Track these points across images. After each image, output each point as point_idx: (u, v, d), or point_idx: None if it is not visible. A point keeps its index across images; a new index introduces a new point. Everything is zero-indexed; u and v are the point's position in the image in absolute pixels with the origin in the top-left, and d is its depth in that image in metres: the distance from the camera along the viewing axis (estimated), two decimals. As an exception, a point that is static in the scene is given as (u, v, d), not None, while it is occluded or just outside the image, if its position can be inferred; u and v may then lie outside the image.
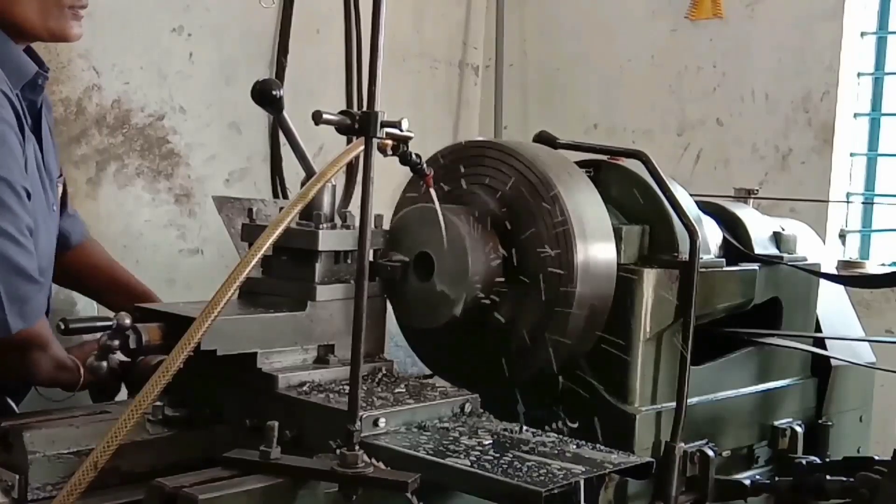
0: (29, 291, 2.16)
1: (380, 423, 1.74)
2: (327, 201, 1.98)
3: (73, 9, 2.36)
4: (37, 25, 2.34)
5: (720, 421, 2.37)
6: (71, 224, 2.70)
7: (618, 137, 4.57)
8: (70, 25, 2.37)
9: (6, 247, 2.11)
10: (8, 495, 1.68)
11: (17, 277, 2.13)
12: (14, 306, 2.12)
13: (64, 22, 2.36)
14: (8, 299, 2.10)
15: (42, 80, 2.41)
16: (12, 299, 2.11)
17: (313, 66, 4.28)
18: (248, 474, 1.57)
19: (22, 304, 2.14)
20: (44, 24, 2.34)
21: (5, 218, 2.13)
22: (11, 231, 2.13)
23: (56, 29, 2.37)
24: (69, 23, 2.37)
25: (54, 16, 2.33)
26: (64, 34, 2.39)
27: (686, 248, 2.19)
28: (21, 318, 2.13)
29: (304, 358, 1.93)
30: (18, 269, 2.13)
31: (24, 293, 2.15)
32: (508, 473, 1.59)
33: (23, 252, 2.15)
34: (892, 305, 3.98)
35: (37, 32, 2.36)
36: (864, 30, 4.29)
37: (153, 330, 1.80)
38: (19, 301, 2.13)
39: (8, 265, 2.11)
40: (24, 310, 2.14)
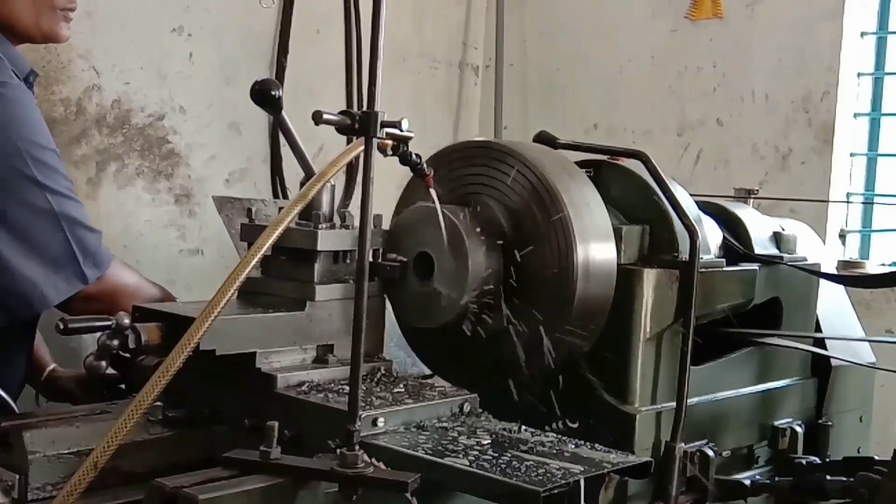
0: (96, 241, 2.38)
1: (379, 422, 1.74)
2: (326, 201, 1.98)
3: (64, 11, 2.44)
4: (29, 26, 2.43)
5: (720, 421, 2.37)
6: None
7: (618, 137, 4.57)
8: (61, 27, 2.49)
9: (66, 205, 2.34)
10: (8, 495, 1.69)
11: (83, 230, 2.36)
12: (88, 258, 2.34)
13: (55, 23, 2.47)
14: (81, 252, 2.33)
15: (33, 79, 2.48)
16: (84, 252, 2.34)
17: (313, 67, 4.27)
18: (248, 474, 1.57)
19: (93, 255, 2.36)
20: (36, 24, 2.45)
21: (58, 182, 2.34)
22: (67, 192, 2.35)
23: (48, 30, 2.47)
24: (60, 24, 2.48)
25: (46, 17, 2.44)
26: (55, 35, 2.49)
27: (686, 248, 2.19)
28: (96, 267, 2.36)
29: (303, 358, 1.93)
30: (81, 223, 2.36)
31: (91, 243, 2.37)
32: (507, 473, 1.59)
33: (79, 207, 2.38)
34: (892, 305, 3.98)
35: (29, 33, 2.45)
36: (864, 30, 4.29)
37: (152, 330, 1.80)
38: (91, 253, 2.35)
39: (72, 221, 2.34)
40: (97, 259, 2.37)
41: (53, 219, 2.32)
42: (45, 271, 2.31)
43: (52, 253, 2.32)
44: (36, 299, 2.33)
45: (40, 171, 2.31)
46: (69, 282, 2.33)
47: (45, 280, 2.31)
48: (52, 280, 2.31)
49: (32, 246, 2.31)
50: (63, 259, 2.32)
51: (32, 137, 2.34)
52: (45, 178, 2.32)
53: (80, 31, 3.49)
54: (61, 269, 2.32)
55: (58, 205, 2.32)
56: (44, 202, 2.31)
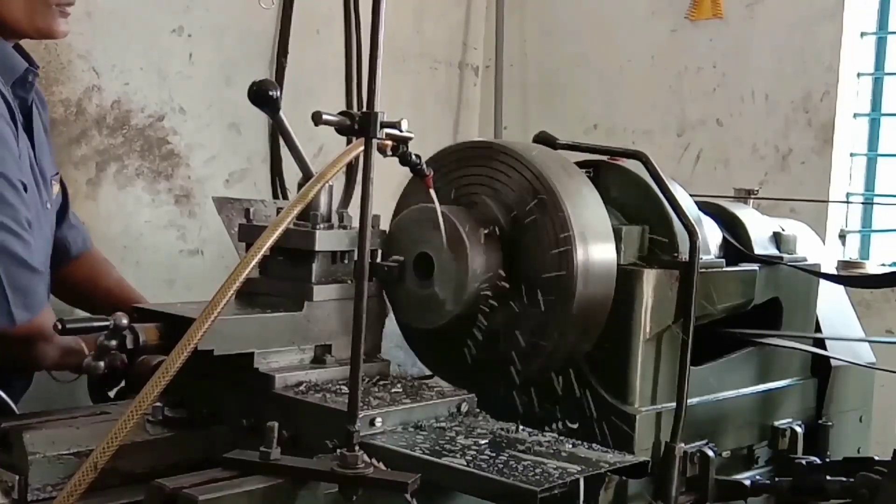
0: (31, 282, 2.20)
1: (376, 422, 1.74)
2: (324, 201, 1.99)
3: (59, 6, 2.39)
4: (24, 23, 2.37)
5: (720, 421, 2.37)
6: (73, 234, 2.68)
7: (618, 138, 4.57)
8: (57, 23, 2.41)
9: (6, 239, 2.16)
10: (8, 496, 1.68)
11: (19, 268, 2.17)
12: (18, 297, 2.16)
13: (51, 19, 2.39)
14: (11, 290, 2.15)
15: (32, 77, 2.43)
16: (16, 290, 2.16)
17: (313, 67, 4.27)
18: (248, 475, 1.57)
19: (25, 295, 2.18)
20: (31, 21, 2.37)
21: (3, 211, 2.17)
22: (10, 224, 2.18)
23: (43, 26, 2.39)
24: (56, 20, 2.40)
25: (41, 13, 2.36)
26: (51, 31, 2.42)
27: (686, 248, 2.19)
28: (25, 309, 2.18)
29: (301, 358, 1.94)
30: (20, 259, 2.17)
31: (27, 284, 2.19)
32: (504, 473, 1.60)
33: (22, 243, 2.19)
34: (892, 305, 3.98)
35: (24, 30, 2.39)
36: (864, 30, 4.28)
37: (150, 330, 1.80)
38: (23, 292, 2.17)
39: (9, 257, 2.16)
40: (28, 301, 2.18)
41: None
42: None
43: None
44: None
45: None
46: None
47: None
48: None
49: None
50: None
51: None
52: None
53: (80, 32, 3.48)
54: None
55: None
56: None
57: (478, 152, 2.17)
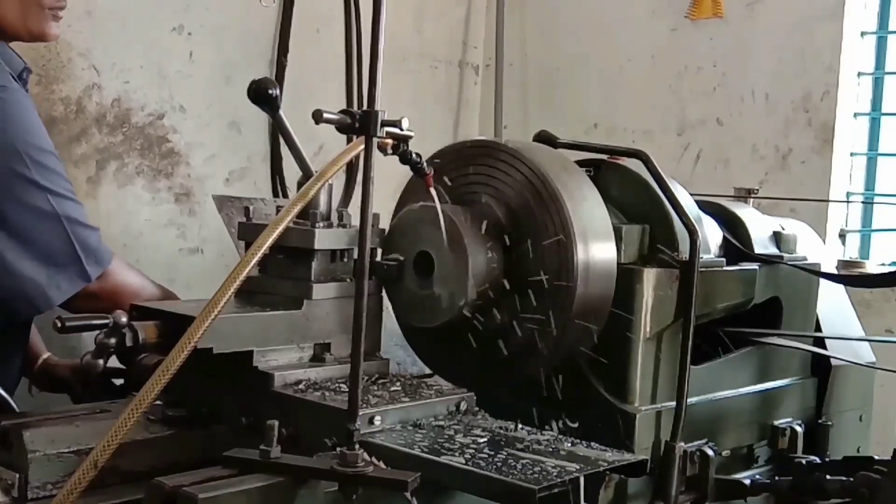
0: (95, 238, 2.42)
1: (375, 421, 1.74)
2: (324, 200, 1.98)
3: (52, 10, 2.44)
4: (17, 25, 2.44)
5: (720, 420, 2.37)
6: None
7: (618, 137, 4.57)
8: (49, 26, 2.48)
9: (67, 206, 2.37)
10: (8, 494, 1.69)
11: (83, 229, 2.39)
12: (89, 256, 2.38)
13: (44, 22, 2.46)
14: (82, 251, 2.36)
15: (26, 75, 2.49)
16: (86, 250, 2.37)
17: (313, 66, 4.27)
18: (247, 473, 1.57)
19: (94, 251, 2.40)
20: (24, 24, 2.45)
21: (58, 183, 2.37)
22: (68, 193, 2.39)
23: (35, 29, 2.46)
24: (49, 23, 2.47)
25: (34, 16, 2.44)
26: (43, 34, 2.49)
27: (686, 247, 2.19)
28: (97, 265, 2.39)
29: (300, 356, 1.94)
30: (81, 222, 2.39)
31: (92, 241, 2.40)
32: (503, 471, 1.59)
33: (79, 207, 2.42)
34: (892, 305, 3.98)
35: (17, 32, 2.45)
36: (864, 30, 4.28)
37: (149, 328, 1.80)
38: (91, 250, 2.39)
39: (73, 221, 2.37)
40: (98, 256, 2.40)
41: (55, 220, 2.34)
42: (47, 272, 2.33)
43: (54, 253, 2.34)
44: (39, 300, 2.34)
45: (40, 174, 2.33)
46: (72, 281, 2.35)
47: (48, 280, 2.33)
48: (55, 280, 2.34)
49: (34, 247, 2.32)
50: (65, 259, 2.34)
51: (32, 140, 2.35)
52: (45, 180, 2.34)
53: (80, 30, 3.49)
54: (64, 268, 2.34)
55: (59, 206, 2.35)
56: (45, 204, 2.33)
57: (478, 151, 2.17)
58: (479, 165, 2.14)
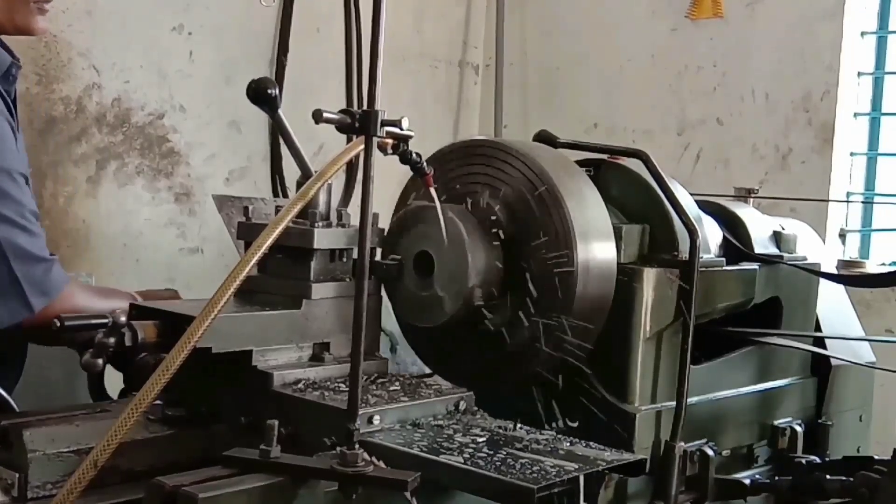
0: (40, 271, 2.22)
1: (374, 420, 1.74)
2: (323, 200, 1.98)
3: (37, 3, 2.39)
4: (2, 19, 2.37)
5: (720, 420, 2.37)
6: None
7: (618, 137, 4.57)
8: (35, 20, 2.40)
9: (11, 233, 2.18)
10: (8, 494, 1.68)
11: (28, 262, 2.20)
12: (33, 288, 2.20)
13: (29, 16, 2.39)
14: (25, 283, 2.19)
15: (16, 71, 2.43)
16: (29, 282, 2.19)
17: (313, 66, 4.27)
18: (247, 473, 1.57)
19: (39, 283, 2.21)
20: (9, 18, 2.37)
21: (6, 206, 2.18)
22: (14, 217, 2.19)
23: (21, 23, 2.39)
24: (34, 17, 2.40)
25: (20, 10, 2.37)
26: (29, 28, 2.41)
27: (686, 247, 2.18)
28: (43, 296, 2.22)
29: (300, 356, 1.94)
30: (27, 254, 2.20)
31: (38, 274, 2.22)
32: (501, 471, 1.60)
33: (27, 236, 2.21)
34: (892, 305, 3.98)
35: (2, 26, 2.38)
36: (864, 30, 4.29)
37: (148, 328, 1.80)
38: (36, 282, 2.21)
39: (16, 252, 2.18)
40: (45, 287, 2.22)
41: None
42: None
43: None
44: None
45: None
46: (11, 311, 2.20)
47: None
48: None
49: None
50: (6, 290, 2.19)
51: None
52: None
53: (81, 30, 3.49)
54: (4, 299, 2.19)
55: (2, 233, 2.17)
56: None
57: (478, 150, 2.17)
58: (479, 165, 2.14)
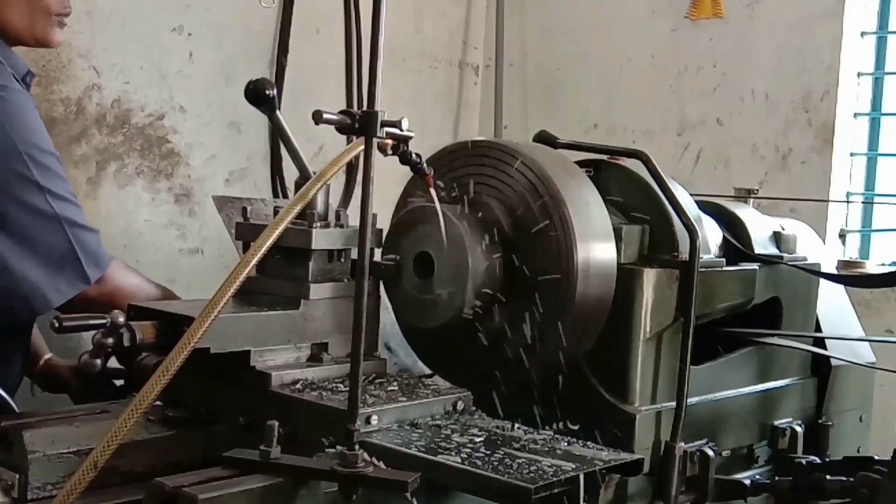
0: (94, 241, 2.42)
1: (372, 420, 1.75)
2: (321, 200, 1.99)
3: (58, 16, 2.47)
4: (23, 31, 2.47)
5: (720, 421, 2.37)
6: None
7: (618, 137, 4.57)
8: (55, 32, 2.52)
9: (67, 208, 2.37)
10: (8, 494, 1.69)
11: (82, 231, 2.39)
12: (88, 259, 2.37)
13: (49, 29, 2.50)
14: (82, 253, 2.36)
15: (30, 79, 2.51)
16: (85, 252, 2.37)
17: (313, 66, 4.27)
18: (247, 474, 1.57)
19: (93, 254, 2.39)
20: (30, 30, 2.48)
21: (58, 185, 2.37)
22: (65, 194, 2.39)
23: (41, 35, 2.50)
24: (54, 30, 2.52)
25: (41, 23, 2.48)
26: (48, 41, 2.52)
27: (686, 247, 2.19)
28: (97, 267, 2.39)
29: (298, 356, 1.94)
30: (81, 224, 2.39)
31: (92, 244, 2.40)
32: (499, 470, 1.60)
33: (78, 210, 2.41)
34: (892, 305, 3.98)
35: (22, 37, 2.49)
36: (864, 30, 4.28)
37: (147, 328, 1.80)
38: (91, 252, 2.39)
39: (72, 224, 2.37)
40: (97, 259, 2.40)
41: (55, 221, 2.34)
42: (46, 273, 2.33)
43: (53, 255, 2.34)
44: (38, 301, 2.34)
45: (41, 175, 2.34)
46: (71, 283, 2.35)
47: (47, 282, 2.33)
48: (54, 282, 2.33)
49: (34, 248, 2.33)
50: (65, 260, 2.34)
51: (33, 140, 2.36)
52: (45, 181, 2.34)
53: (81, 31, 3.49)
54: (63, 270, 2.34)
55: (59, 208, 2.35)
56: (45, 205, 2.33)
57: (478, 151, 2.17)
58: (478, 166, 2.14)
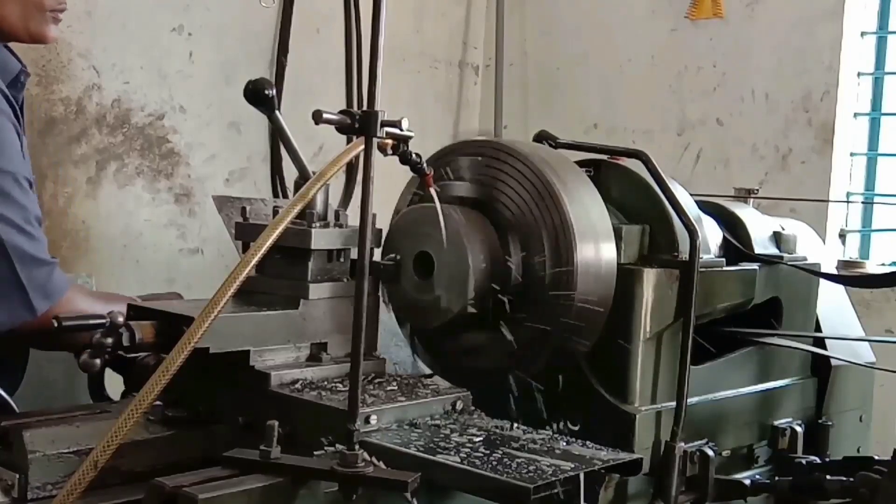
0: (43, 274, 2.23)
1: (371, 420, 1.75)
2: (321, 200, 1.99)
3: (53, 12, 2.43)
4: (18, 27, 2.41)
5: (720, 421, 2.37)
6: None
7: (618, 137, 4.57)
8: (49, 28, 2.45)
9: (15, 237, 2.19)
10: (8, 494, 1.68)
11: (31, 265, 2.21)
12: (36, 291, 2.21)
13: (44, 25, 2.43)
14: (28, 285, 2.20)
15: (24, 78, 2.47)
16: (32, 285, 2.20)
17: (313, 66, 4.27)
18: (247, 474, 1.57)
19: (42, 286, 2.22)
20: (24, 25, 2.41)
21: (11, 209, 2.19)
22: (18, 221, 2.20)
23: (36, 31, 2.43)
24: (49, 26, 2.44)
25: (35, 19, 2.42)
26: (42, 37, 2.46)
27: (686, 247, 2.19)
28: (45, 299, 2.22)
29: (297, 356, 1.94)
30: (30, 257, 2.21)
31: (40, 277, 2.22)
32: (498, 470, 1.60)
33: (30, 240, 2.22)
34: (892, 305, 3.98)
35: (17, 33, 2.43)
36: (864, 30, 4.29)
37: (146, 328, 1.80)
38: (39, 285, 2.22)
39: (19, 254, 2.19)
40: (47, 290, 2.23)
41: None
42: None
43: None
44: None
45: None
46: (13, 312, 2.20)
47: None
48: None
49: None
50: (8, 288, 2.19)
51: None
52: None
53: (81, 31, 3.49)
54: (5, 298, 2.19)
55: (4, 234, 2.18)
56: None
57: (478, 151, 2.17)
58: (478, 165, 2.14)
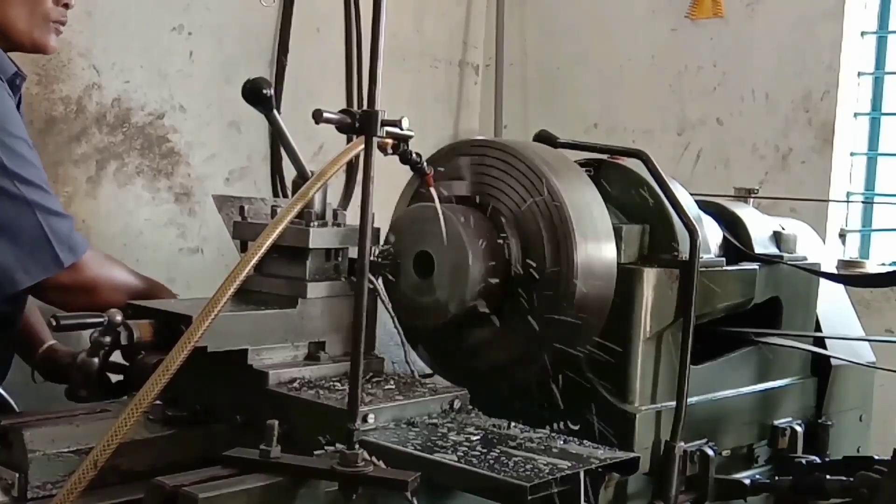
0: (66, 227, 2.35)
1: (369, 418, 1.75)
2: (319, 199, 1.99)
3: (56, 23, 2.48)
4: (23, 34, 2.47)
5: (720, 420, 2.37)
6: None
7: (618, 137, 4.57)
8: (51, 38, 2.52)
9: (36, 193, 2.31)
10: (8, 494, 1.69)
11: (54, 217, 2.32)
12: (61, 243, 2.31)
13: (47, 35, 2.50)
14: (54, 237, 2.30)
15: (20, 82, 2.51)
16: (57, 237, 2.31)
17: (313, 66, 4.27)
18: (247, 473, 1.57)
19: (66, 239, 2.33)
20: (28, 34, 2.47)
21: (29, 171, 2.32)
22: (36, 180, 2.32)
23: (39, 40, 2.49)
24: (51, 36, 2.51)
25: (39, 28, 2.48)
26: (45, 46, 2.52)
27: (686, 247, 2.19)
28: (71, 252, 2.33)
29: (295, 355, 1.94)
30: (51, 210, 2.33)
31: (64, 229, 2.34)
32: (495, 468, 1.60)
33: (48, 196, 2.35)
34: (892, 305, 3.98)
35: (21, 41, 2.50)
36: (864, 30, 4.28)
37: (144, 326, 1.80)
38: (63, 238, 2.32)
39: (44, 209, 2.31)
40: (71, 243, 2.33)
41: (24, 204, 2.29)
42: (15, 255, 2.29)
43: (22, 237, 2.29)
44: (6, 282, 2.30)
45: (9, 159, 2.29)
46: (44, 266, 2.31)
47: (14, 263, 2.29)
48: (23, 263, 2.29)
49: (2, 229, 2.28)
50: (36, 243, 2.30)
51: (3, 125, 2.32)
52: (13, 164, 2.30)
53: (81, 30, 3.48)
54: (33, 253, 2.30)
55: (27, 192, 2.30)
56: (12, 188, 2.28)
57: (478, 150, 2.17)
58: (478, 165, 2.14)
